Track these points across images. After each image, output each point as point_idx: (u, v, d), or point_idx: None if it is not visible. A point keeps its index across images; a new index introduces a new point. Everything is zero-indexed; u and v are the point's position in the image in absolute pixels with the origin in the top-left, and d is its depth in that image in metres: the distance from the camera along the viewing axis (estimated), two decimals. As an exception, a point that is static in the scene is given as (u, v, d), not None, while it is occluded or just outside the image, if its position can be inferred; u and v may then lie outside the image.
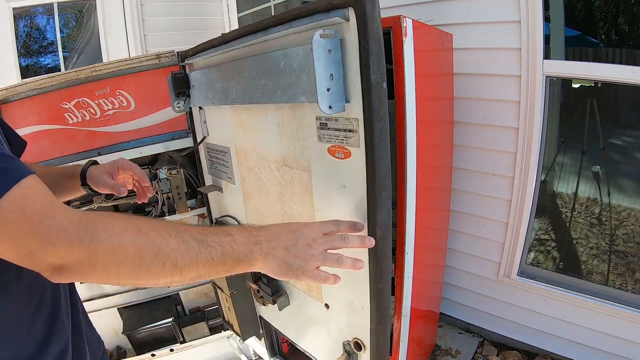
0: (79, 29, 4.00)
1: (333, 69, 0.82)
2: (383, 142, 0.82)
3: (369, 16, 0.75)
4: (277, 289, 1.38)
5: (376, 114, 0.80)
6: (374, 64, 0.76)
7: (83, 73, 1.73)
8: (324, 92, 0.81)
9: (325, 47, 0.80)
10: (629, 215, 2.04)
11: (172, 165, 1.91)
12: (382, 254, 0.88)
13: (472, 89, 2.12)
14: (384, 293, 0.93)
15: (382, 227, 0.86)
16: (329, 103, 0.82)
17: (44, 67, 4.06)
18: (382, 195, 0.85)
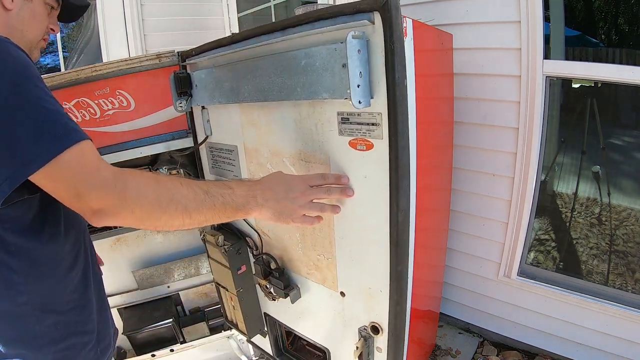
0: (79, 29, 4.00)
1: (362, 67, 0.89)
2: (405, 133, 0.93)
3: (394, 21, 0.83)
4: (288, 283, 1.42)
5: (400, 108, 0.90)
6: (399, 64, 0.86)
7: (83, 73, 1.73)
8: (355, 88, 0.89)
9: (355, 47, 0.87)
10: (629, 215, 2.04)
11: (172, 165, 1.91)
12: (402, 238, 0.98)
13: (472, 89, 2.12)
14: (403, 275, 1.04)
15: (403, 212, 0.98)
16: (359, 98, 0.90)
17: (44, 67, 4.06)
18: (404, 183, 0.96)
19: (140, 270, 2.10)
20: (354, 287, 1.20)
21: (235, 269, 1.56)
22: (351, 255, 1.16)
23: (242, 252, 1.58)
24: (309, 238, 1.30)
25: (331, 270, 1.25)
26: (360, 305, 1.19)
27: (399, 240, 0.98)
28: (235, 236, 1.61)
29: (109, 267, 2.08)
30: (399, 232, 0.97)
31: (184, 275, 2.17)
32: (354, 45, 0.86)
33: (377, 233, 1.02)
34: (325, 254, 1.25)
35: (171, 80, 1.51)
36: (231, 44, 1.27)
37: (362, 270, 1.14)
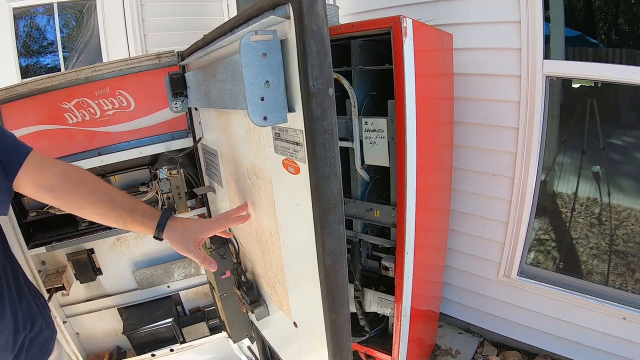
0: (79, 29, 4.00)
1: (269, 74, 0.72)
2: (329, 158, 0.70)
3: (307, 10, 0.63)
4: (255, 299, 1.33)
5: (318, 126, 0.68)
6: (314, 68, 0.65)
7: (83, 73, 1.73)
8: (256, 101, 0.72)
9: (258, 50, 0.71)
10: (629, 215, 2.03)
11: (172, 165, 1.91)
12: (333, 284, 0.78)
13: (472, 89, 2.12)
14: (339, 324, 0.83)
15: (331, 255, 0.76)
16: (264, 114, 0.73)
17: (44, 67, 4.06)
18: (330, 220, 0.73)
19: (140, 270, 2.10)
20: (303, 320, 1.06)
21: (219, 273, 1.54)
22: (297, 287, 1.02)
23: (226, 258, 1.54)
24: (267, 257, 1.18)
25: (285, 297, 1.13)
26: (309, 341, 1.05)
27: (330, 286, 0.79)
28: (221, 241, 1.57)
29: (109, 267, 2.09)
30: (327, 278, 0.78)
31: (184, 275, 2.17)
32: (254, 49, 0.70)
33: (311, 272, 0.85)
34: (279, 278, 1.13)
35: (166, 81, 1.51)
36: (205, 46, 1.19)
37: (306, 306, 0.97)
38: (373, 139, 1.54)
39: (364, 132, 1.55)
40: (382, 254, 1.71)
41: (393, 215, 1.57)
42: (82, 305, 2.08)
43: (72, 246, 1.89)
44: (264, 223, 1.12)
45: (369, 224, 1.71)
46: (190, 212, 1.99)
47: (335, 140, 0.71)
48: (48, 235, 1.88)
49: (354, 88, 1.53)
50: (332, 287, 0.79)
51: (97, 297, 2.11)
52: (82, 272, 1.98)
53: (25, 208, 1.82)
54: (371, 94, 1.65)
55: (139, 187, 1.93)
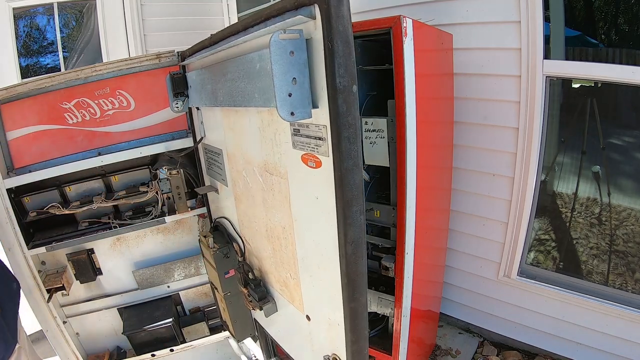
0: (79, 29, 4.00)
1: (296, 71, 0.75)
2: (352, 152, 0.74)
3: (334, 12, 0.67)
4: (264, 295, 1.35)
5: (343, 121, 0.72)
6: (341, 66, 0.69)
7: (83, 73, 1.73)
8: (284, 97, 0.75)
9: (286, 48, 0.73)
10: (629, 215, 2.03)
11: (172, 165, 1.91)
12: (354, 272, 0.82)
13: (472, 89, 2.12)
14: (358, 313, 0.87)
15: (353, 244, 0.80)
16: (291, 109, 0.75)
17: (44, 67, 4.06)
18: (353, 210, 0.77)
19: (140, 270, 2.10)
20: (317, 313, 1.08)
21: (222, 272, 1.53)
22: (312, 279, 1.04)
23: (230, 257, 1.54)
24: (278, 253, 1.20)
25: (297, 291, 1.15)
26: (323, 333, 1.07)
27: (350, 275, 0.82)
28: (224, 239, 1.57)
29: (109, 267, 2.09)
30: (348, 267, 0.81)
31: (184, 275, 2.17)
32: (283, 47, 0.73)
33: (330, 263, 0.88)
34: (291, 272, 1.15)
35: (167, 81, 1.51)
36: (211, 45, 1.21)
37: (322, 297, 1.00)
38: (373, 139, 1.54)
39: (364, 132, 1.55)
40: (382, 254, 1.71)
41: (393, 215, 1.57)
42: (82, 305, 2.08)
43: (72, 246, 1.89)
44: (275, 219, 1.14)
45: (369, 224, 1.71)
46: (190, 212, 1.99)
47: (359, 135, 0.74)
48: (48, 235, 1.88)
49: (354, 88, 1.53)
50: (353, 275, 0.83)
51: (97, 297, 2.11)
52: (82, 272, 1.98)
53: (25, 208, 1.82)
54: (371, 94, 1.65)
55: (139, 187, 1.93)
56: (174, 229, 2.13)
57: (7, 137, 1.72)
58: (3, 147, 1.71)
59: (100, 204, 1.84)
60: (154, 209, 1.96)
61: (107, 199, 1.86)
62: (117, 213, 1.99)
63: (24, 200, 1.80)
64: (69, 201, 1.88)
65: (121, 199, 1.88)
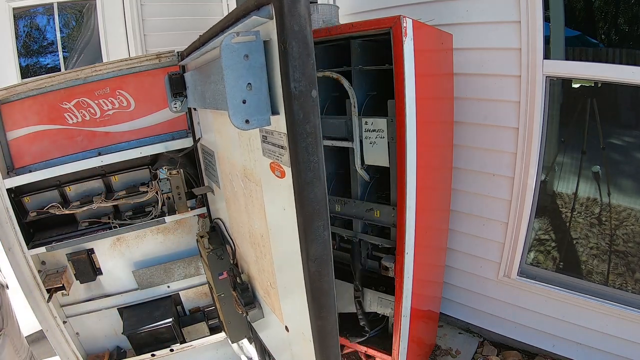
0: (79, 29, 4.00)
1: (251, 76, 0.70)
2: (312, 163, 0.67)
3: (288, 10, 0.61)
4: (250, 301, 1.32)
5: (300, 130, 0.65)
6: (296, 69, 0.63)
7: (83, 73, 1.73)
8: (237, 104, 0.70)
9: (239, 52, 0.68)
10: (629, 215, 2.03)
11: (172, 165, 1.91)
12: (318, 290, 0.77)
13: (472, 89, 2.12)
14: (326, 331, 0.81)
15: (316, 261, 0.74)
16: (246, 117, 0.71)
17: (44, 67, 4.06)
18: (314, 226, 0.71)
19: (140, 270, 2.10)
20: (294, 326, 1.04)
21: (216, 273, 1.53)
22: (287, 291, 1.01)
23: (224, 258, 1.53)
24: (260, 261, 1.16)
25: (277, 301, 1.11)
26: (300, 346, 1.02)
27: (315, 293, 0.77)
28: (219, 240, 1.56)
29: (109, 267, 2.09)
30: (312, 285, 0.76)
31: (183, 275, 2.17)
32: (236, 50, 0.67)
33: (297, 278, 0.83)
34: (271, 282, 1.11)
35: (166, 81, 1.51)
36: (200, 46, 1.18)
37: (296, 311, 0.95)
38: (373, 139, 1.54)
39: (364, 132, 1.55)
40: (382, 254, 1.71)
41: (393, 215, 1.57)
42: (82, 305, 2.08)
43: (72, 246, 1.89)
44: (255, 226, 1.11)
45: (369, 224, 1.71)
46: (190, 212, 1.99)
47: (319, 144, 0.68)
48: (48, 235, 1.88)
49: (354, 88, 1.53)
50: (318, 294, 0.78)
51: (97, 297, 2.11)
52: (82, 272, 1.98)
53: (25, 208, 1.82)
54: (371, 94, 1.65)
55: (139, 187, 1.93)
56: (174, 229, 2.14)
57: (7, 137, 1.72)
58: (3, 147, 1.72)
59: (100, 204, 1.84)
60: (154, 209, 1.96)
61: (107, 199, 1.86)
62: (117, 213, 1.99)
63: (24, 200, 1.80)
64: (69, 201, 1.88)
65: (121, 199, 1.88)
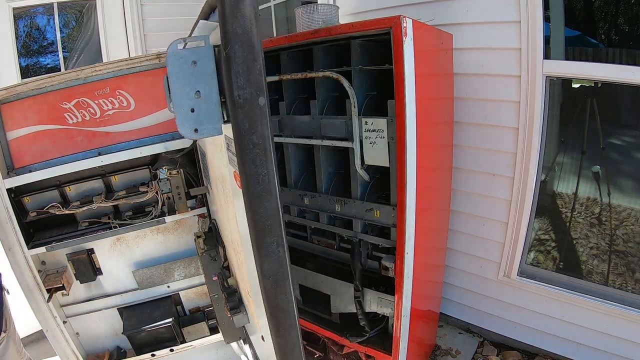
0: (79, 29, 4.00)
1: (200, 83, 0.67)
2: (261, 176, 0.63)
3: (230, 12, 0.57)
4: (235, 305, 1.29)
5: (246, 141, 0.60)
6: (239, 75, 0.58)
7: (83, 73, 1.73)
8: (185, 113, 0.67)
9: (187, 59, 0.66)
10: (629, 215, 2.03)
11: (172, 165, 1.91)
12: (275, 308, 0.74)
13: (472, 89, 2.12)
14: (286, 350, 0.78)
15: (271, 279, 0.71)
16: (194, 126, 0.68)
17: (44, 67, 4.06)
18: (267, 242, 0.68)
19: (140, 270, 2.10)
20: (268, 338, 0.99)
21: (209, 274, 1.53)
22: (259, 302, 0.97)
23: (217, 260, 1.52)
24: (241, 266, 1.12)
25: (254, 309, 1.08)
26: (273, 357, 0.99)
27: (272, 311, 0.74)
28: (213, 242, 1.55)
29: (109, 267, 2.09)
30: (269, 302, 0.73)
31: (184, 275, 2.17)
32: (183, 57, 0.65)
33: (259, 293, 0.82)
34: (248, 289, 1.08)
35: (164, 82, 1.51)
36: None
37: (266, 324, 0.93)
38: (373, 139, 1.54)
39: (364, 132, 1.55)
40: (382, 254, 1.71)
41: (393, 215, 1.57)
42: (82, 305, 2.08)
43: (72, 246, 1.89)
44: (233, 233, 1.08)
45: (369, 224, 1.71)
46: (190, 212, 1.99)
47: (269, 156, 0.63)
48: (48, 235, 1.88)
49: (354, 88, 1.53)
50: (275, 311, 0.75)
51: (97, 297, 2.11)
52: (82, 272, 1.98)
53: (25, 208, 1.82)
54: (371, 94, 1.65)
55: (139, 187, 1.93)
56: (174, 229, 2.14)
57: (7, 137, 1.72)
58: (3, 147, 1.72)
59: (100, 204, 1.85)
60: (154, 209, 1.96)
61: (107, 199, 1.87)
62: (117, 213, 1.99)
63: (24, 200, 1.80)
64: (69, 201, 1.88)
65: (121, 199, 1.88)
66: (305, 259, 2.05)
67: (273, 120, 1.83)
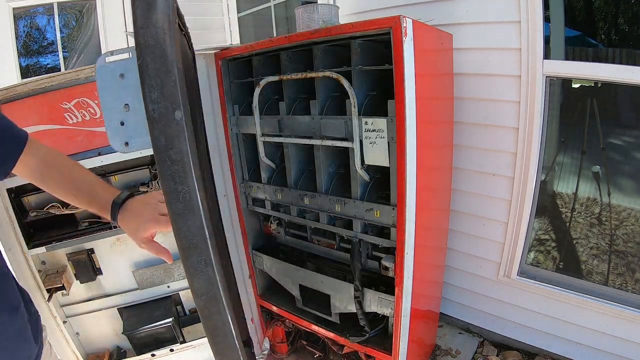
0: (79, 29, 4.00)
1: (129, 96, 0.66)
2: (181, 193, 0.59)
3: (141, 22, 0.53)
4: None
5: (163, 157, 0.57)
6: (153, 89, 0.54)
7: (83, 73, 1.73)
8: (116, 127, 0.67)
9: (114, 71, 0.64)
10: (629, 215, 2.04)
11: (172, 165, 1.91)
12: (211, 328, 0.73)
13: (472, 89, 2.12)
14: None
15: (202, 297, 0.70)
16: (125, 139, 0.67)
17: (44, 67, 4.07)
18: (193, 261, 0.66)
19: (140, 270, 2.11)
20: None
21: None
22: None
23: None
24: None
25: None
26: None
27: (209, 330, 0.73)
28: None
29: (109, 267, 2.09)
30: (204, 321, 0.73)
31: (184, 275, 2.17)
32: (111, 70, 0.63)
33: None
34: None
35: None
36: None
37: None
38: (373, 139, 1.54)
39: (364, 132, 1.55)
40: (382, 254, 1.71)
41: (393, 215, 1.57)
42: (82, 305, 2.08)
43: (72, 246, 1.90)
44: None
45: (369, 224, 1.71)
46: (190, 212, 1.99)
47: (189, 172, 0.59)
48: (48, 235, 1.88)
49: (354, 88, 1.53)
50: (212, 331, 0.73)
51: (97, 297, 2.11)
52: (82, 272, 1.98)
53: (25, 208, 1.82)
54: (371, 94, 1.65)
55: (139, 187, 1.93)
56: (174, 229, 2.14)
57: (7, 137, 1.72)
58: (3, 147, 1.71)
59: (100, 204, 1.84)
60: (154, 209, 1.96)
61: (107, 199, 1.86)
62: (117, 213, 1.99)
63: (24, 200, 1.80)
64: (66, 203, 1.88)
65: (121, 199, 1.88)
66: (305, 259, 2.05)
67: (273, 120, 1.83)
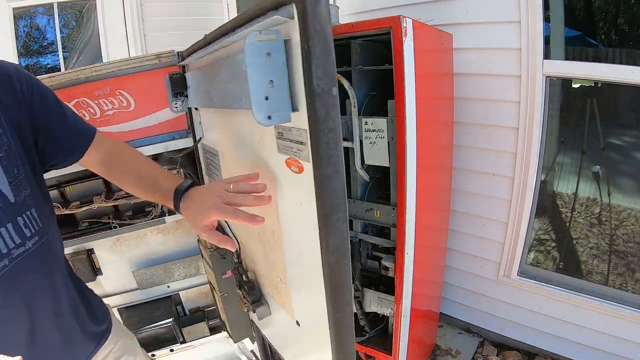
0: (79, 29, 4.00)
1: (273, 74, 0.74)
2: (332, 157, 0.72)
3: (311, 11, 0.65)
4: (257, 298, 1.33)
5: (322, 126, 0.70)
6: (318, 67, 0.67)
7: (83, 73, 1.73)
8: (260, 101, 0.74)
9: (262, 50, 0.72)
10: (629, 215, 2.04)
11: (172, 165, 1.91)
12: (338, 282, 0.81)
13: (472, 89, 2.12)
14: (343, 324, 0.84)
15: (335, 253, 0.78)
16: (268, 113, 0.74)
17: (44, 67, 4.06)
18: (334, 218, 0.75)
19: (140, 270, 2.10)
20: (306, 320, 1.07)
21: (219, 273, 1.53)
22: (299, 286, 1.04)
23: (227, 258, 1.54)
24: (269, 257, 1.18)
25: (287, 296, 1.13)
26: (312, 340, 1.05)
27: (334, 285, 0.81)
28: None
29: (109, 267, 2.09)
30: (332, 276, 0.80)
31: (184, 275, 2.17)
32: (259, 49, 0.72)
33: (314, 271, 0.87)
34: (281, 277, 1.14)
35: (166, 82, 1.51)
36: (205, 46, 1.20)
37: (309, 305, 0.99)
38: (373, 139, 1.54)
39: (364, 132, 1.55)
40: (382, 254, 1.71)
41: (393, 215, 1.57)
42: (82, 305, 2.08)
43: (72, 246, 1.89)
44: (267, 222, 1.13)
45: (369, 224, 1.71)
46: (190, 212, 1.99)
47: (339, 140, 0.72)
48: (48, 235, 1.88)
49: (354, 88, 1.53)
50: (336, 285, 0.81)
51: (97, 297, 2.11)
52: (82, 272, 1.98)
53: (25, 208, 1.82)
54: (371, 94, 1.65)
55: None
56: (174, 229, 2.14)
57: (7, 137, 1.72)
58: (3, 147, 1.71)
59: (100, 204, 1.84)
60: (154, 209, 1.96)
61: (107, 199, 1.86)
62: (117, 213, 1.99)
63: (24, 200, 1.80)
64: (69, 201, 1.88)
65: (121, 199, 1.88)
66: (306, 259, 2.05)
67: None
